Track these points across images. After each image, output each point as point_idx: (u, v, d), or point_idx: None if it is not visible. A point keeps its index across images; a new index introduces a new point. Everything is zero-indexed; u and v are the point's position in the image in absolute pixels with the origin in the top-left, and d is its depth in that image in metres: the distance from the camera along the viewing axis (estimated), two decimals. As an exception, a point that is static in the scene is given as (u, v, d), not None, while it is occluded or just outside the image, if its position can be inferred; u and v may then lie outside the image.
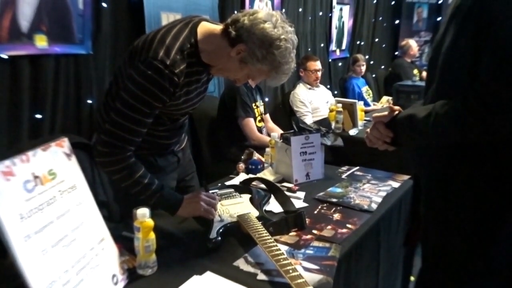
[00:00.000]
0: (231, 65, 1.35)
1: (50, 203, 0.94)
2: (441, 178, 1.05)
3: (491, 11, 0.86)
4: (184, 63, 1.29)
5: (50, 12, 2.16)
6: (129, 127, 1.28)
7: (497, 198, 0.97)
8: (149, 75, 1.24)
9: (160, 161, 1.59)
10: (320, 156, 1.91)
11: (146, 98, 1.26)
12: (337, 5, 5.07)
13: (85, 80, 2.42)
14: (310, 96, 3.69)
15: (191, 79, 1.37)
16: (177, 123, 1.56)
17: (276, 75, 1.35)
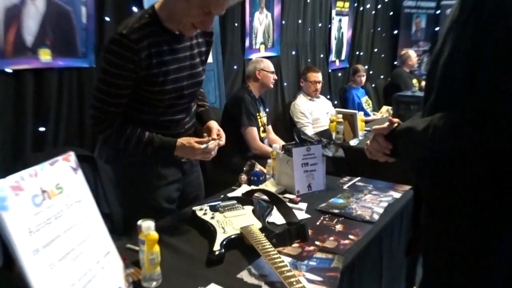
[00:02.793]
0: (183, 9, 1.39)
1: (57, 217, 0.96)
2: (442, 188, 1.06)
3: (486, 26, 0.88)
4: (143, 30, 1.39)
5: (54, 27, 2.20)
6: (105, 98, 1.44)
7: (498, 208, 0.98)
8: (110, 48, 1.40)
9: (164, 170, 1.62)
10: (321, 167, 1.93)
11: (112, 69, 1.40)
12: (336, 16, 5.12)
13: (88, 93, 2.45)
14: (310, 107, 3.72)
15: (161, 49, 1.44)
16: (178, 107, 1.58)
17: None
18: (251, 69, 3.10)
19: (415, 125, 1.04)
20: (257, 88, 3.08)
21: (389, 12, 6.42)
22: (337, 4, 5.09)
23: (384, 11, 6.24)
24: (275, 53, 4.08)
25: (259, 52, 3.88)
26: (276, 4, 4.04)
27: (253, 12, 3.78)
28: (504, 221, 0.97)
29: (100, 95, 1.45)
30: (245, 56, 3.75)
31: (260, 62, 3.13)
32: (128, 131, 1.48)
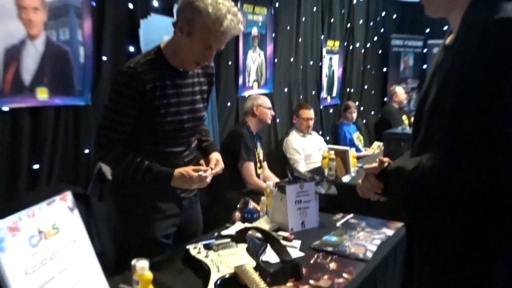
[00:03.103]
0: (186, 46, 1.51)
1: (53, 258, 0.96)
2: (432, 225, 1.08)
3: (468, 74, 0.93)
4: (149, 64, 1.51)
5: (52, 66, 2.25)
6: (110, 126, 1.53)
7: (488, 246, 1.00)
8: (118, 79, 1.53)
9: (162, 204, 1.65)
10: (314, 204, 1.94)
11: (119, 98, 1.50)
12: (327, 55, 5.27)
13: (83, 130, 2.48)
14: (303, 143, 3.77)
15: (165, 83, 1.54)
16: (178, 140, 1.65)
17: (222, 24, 1.44)
18: (248, 106, 3.18)
19: (405, 165, 1.08)
20: (255, 124, 3.14)
21: (378, 50, 6.62)
22: (328, 43, 5.25)
23: (373, 49, 6.43)
24: (268, 90, 4.16)
25: (252, 89, 3.96)
26: (269, 43, 4.17)
27: (247, 51, 3.88)
28: (493, 259, 0.99)
29: (105, 122, 1.55)
30: (239, 93, 3.82)
31: (258, 98, 3.21)
32: (128, 158, 1.54)
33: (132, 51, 2.72)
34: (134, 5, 2.72)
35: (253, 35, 3.93)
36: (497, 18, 0.89)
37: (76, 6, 2.32)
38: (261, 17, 3.99)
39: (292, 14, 4.48)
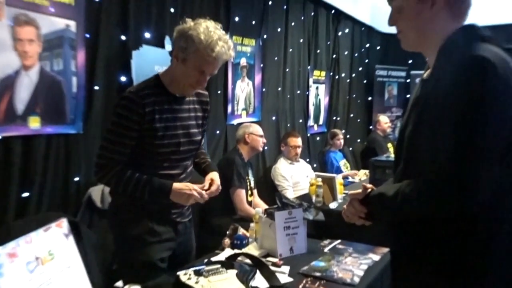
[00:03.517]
0: (181, 71, 1.63)
1: (49, 283, 0.99)
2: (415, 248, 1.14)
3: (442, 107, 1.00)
4: (148, 90, 1.62)
5: (45, 96, 2.30)
6: (111, 147, 1.61)
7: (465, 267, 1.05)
8: (120, 103, 1.62)
9: (158, 227, 1.69)
10: (303, 230, 1.99)
11: (120, 121, 1.59)
12: (313, 84, 5.41)
13: (74, 158, 2.50)
14: (291, 170, 3.83)
15: (163, 107, 1.64)
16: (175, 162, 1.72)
17: (214, 50, 1.56)
18: (240, 133, 3.24)
19: (386, 191, 1.14)
20: (246, 151, 3.20)
21: (363, 80, 6.81)
22: (314, 73, 5.40)
23: (358, 79, 6.62)
24: (256, 119, 4.25)
25: (240, 118, 4.04)
26: (257, 73, 4.28)
27: (236, 81, 3.99)
28: (471, 278, 1.04)
29: (107, 144, 1.63)
30: (228, 122, 3.90)
31: (249, 126, 3.28)
32: (127, 173, 1.61)
33: (124, 81, 2.79)
34: (126, 37, 2.80)
35: (241, 65, 4.04)
36: (468, 56, 0.97)
37: (71, 38, 2.39)
38: (249, 48, 4.11)
39: (279, 45, 4.63)
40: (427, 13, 1.08)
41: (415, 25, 1.11)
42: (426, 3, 1.08)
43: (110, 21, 2.70)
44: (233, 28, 3.80)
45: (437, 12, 1.07)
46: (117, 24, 2.75)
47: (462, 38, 1.05)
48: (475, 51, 0.98)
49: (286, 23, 4.68)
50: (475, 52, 0.97)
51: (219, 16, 3.62)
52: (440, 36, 1.08)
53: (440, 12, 1.07)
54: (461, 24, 1.10)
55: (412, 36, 1.14)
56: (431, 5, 1.07)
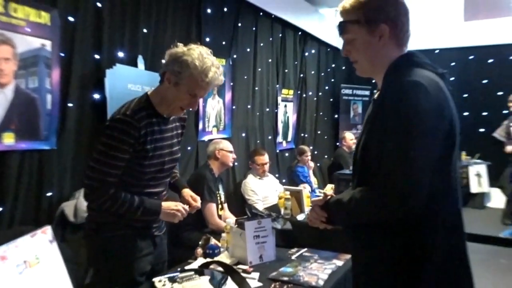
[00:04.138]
0: (173, 94, 1.66)
1: (36, 285, 1.06)
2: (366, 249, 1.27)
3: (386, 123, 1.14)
4: (142, 112, 1.64)
5: (20, 112, 2.35)
6: (103, 169, 1.60)
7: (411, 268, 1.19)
8: (115, 125, 1.62)
9: (141, 242, 1.74)
10: (271, 239, 2.11)
11: (115, 143, 1.60)
12: (282, 102, 5.61)
13: (47, 174, 2.54)
14: (260, 185, 3.95)
15: (153, 129, 1.68)
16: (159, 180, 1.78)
17: (208, 76, 1.62)
18: (211, 149, 3.34)
19: (343, 197, 1.28)
20: (217, 167, 3.30)
21: (330, 98, 7.09)
22: (283, 91, 5.60)
23: (325, 97, 6.88)
24: (226, 135, 4.37)
25: (211, 134, 4.15)
26: (227, 91, 4.42)
27: (206, 99, 4.11)
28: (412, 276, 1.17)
29: (99, 166, 1.60)
30: (199, 138, 4.00)
31: (220, 142, 3.39)
32: (122, 197, 1.63)
33: (98, 99, 2.86)
34: (100, 56, 2.89)
35: (212, 83, 4.16)
36: (406, 81, 1.12)
37: (46, 56, 2.47)
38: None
39: (249, 65, 4.80)
40: (376, 45, 1.22)
41: (367, 55, 1.25)
42: (375, 36, 1.21)
43: (84, 41, 2.78)
44: (204, 48, 3.94)
45: (384, 43, 1.22)
46: (91, 43, 2.84)
47: (401, 64, 1.21)
48: (410, 77, 1.13)
49: (255, 43, 4.88)
50: (410, 77, 1.13)
51: (190, 36, 3.76)
52: (387, 63, 1.23)
53: (387, 42, 1.22)
54: (404, 51, 1.26)
55: (366, 64, 1.27)
56: (379, 37, 1.22)
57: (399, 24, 1.23)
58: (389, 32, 1.21)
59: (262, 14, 4.96)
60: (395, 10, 1.22)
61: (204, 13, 3.96)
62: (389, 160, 1.11)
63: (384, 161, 1.12)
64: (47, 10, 2.47)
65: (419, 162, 1.09)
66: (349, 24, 1.24)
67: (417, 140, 1.09)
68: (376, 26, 1.20)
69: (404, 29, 1.24)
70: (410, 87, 1.11)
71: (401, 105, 1.11)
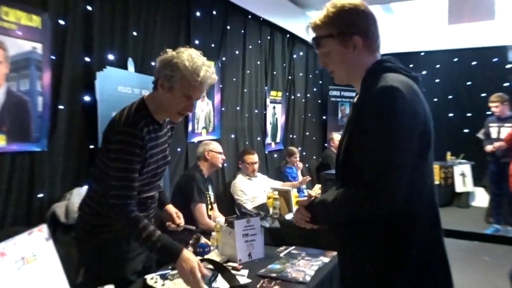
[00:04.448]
0: (168, 99, 1.67)
1: (33, 280, 1.11)
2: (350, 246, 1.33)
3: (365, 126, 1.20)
4: (143, 121, 1.65)
5: (12, 114, 2.38)
6: (127, 184, 1.60)
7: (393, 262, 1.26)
8: (124, 139, 1.61)
9: (134, 243, 1.75)
10: (260, 237, 2.16)
11: (129, 157, 1.61)
12: (270, 104, 5.68)
13: (38, 175, 2.57)
14: (249, 185, 4.01)
15: (151, 136, 1.70)
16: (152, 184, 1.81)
17: (199, 75, 1.62)
18: (201, 151, 3.39)
19: (327, 197, 1.34)
20: (206, 168, 3.35)
21: (318, 100, 7.18)
22: (271, 93, 5.68)
23: (313, 99, 6.98)
24: (216, 136, 4.42)
25: (201, 136, 4.21)
26: (216, 93, 4.48)
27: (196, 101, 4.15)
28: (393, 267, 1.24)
29: (121, 183, 1.59)
30: (188, 140, 4.05)
31: (209, 144, 3.44)
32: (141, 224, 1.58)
33: (88, 101, 2.90)
34: (90, 59, 2.93)
35: (201, 85, 4.22)
36: (382, 86, 1.18)
37: (37, 59, 2.50)
38: (209, 70, 4.31)
39: (237, 67, 4.87)
40: (351, 55, 1.28)
41: (343, 66, 1.31)
42: (349, 47, 1.27)
43: (75, 44, 2.82)
44: (193, 51, 3.99)
45: (358, 52, 1.28)
46: (81, 46, 2.88)
47: (377, 70, 1.27)
48: (387, 82, 1.19)
49: (244, 46, 4.95)
50: (387, 83, 1.19)
51: (180, 39, 3.81)
52: (363, 69, 1.30)
53: (360, 51, 1.29)
54: (377, 56, 1.33)
55: (343, 73, 1.34)
56: (353, 48, 1.28)
57: (370, 33, 1.29)
58: (362, 42, 1.27)
59: (251, 17, 5.03)
60: (365, 21, 1.28)
61: (193, 16, 4.01)
62: (370, 162, 1.18)
63: (365, 163, 1.18)
64: (38, 13, 2.51)
65: (398, 162, 1.15)
66: (323, 39, 1.30)
67: (395, 141, 1.15)
68: (349, 38, 1.26)
69: (375, 36, 1.30)
70: (387, 92, 1.17)
71: (379, 109, 1.17)
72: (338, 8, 1.27)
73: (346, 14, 1.26)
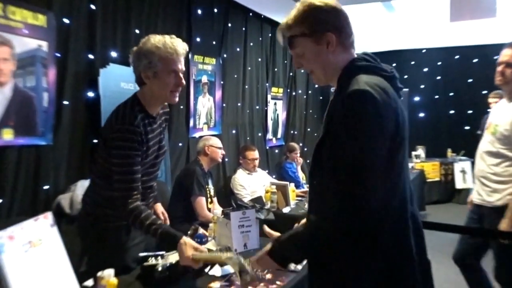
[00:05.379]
0: (158, 85, 1.75)
1: (39, 263, 1.21)
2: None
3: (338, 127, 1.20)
4: (139, 116, 1.74)
5: (18, 110, 2.48)
6: (129, 178, 1.70)
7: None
8: (122, 137, 1.69)
9: (134, 231, 1.86)
10: (255, 228, 2.25)
11: (130, 152, 1.70)
12: (271, 100, 5.76)
13: (43, 168, 2.67)
14: (248, 180, 4.10)
15: (147, 129, 1.78)
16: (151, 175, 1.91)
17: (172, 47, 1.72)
18: (201, 146, 3.49)
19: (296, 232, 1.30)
20: (206, 162, 3.45)
21: (319, 96, 7.25)
22: (272, 89, 5.75)
23: (315, 96, 7.05)
24: (217, 132, 4.51)
25: (202, 131, 4.30)
26: (218, 89, 4.57)
27: (197, 97, 4.25)
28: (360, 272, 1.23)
29: (125, 176, 1.70)
30: (190, 135, 4.14)
31: (209, 139, 3.54)
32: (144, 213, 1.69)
33: (91, 96, 2.99)
34: (94, 56, 3.02)
35: (203, 82, 4.32)
36: (353, 90, 1.17)
37: (42, 57, 2.59)
38: (210, 66, 4.40)
39: (238, 63, 4.95)
40: (326, 52, 1.26)
41: (319, 64, 1.29)
42: (323, 45, 1.25)
43: (79, 41, 2.91)
44: (194, 48, 4.08)
45: (333, 49, 1.25)
46: (85, 44, 2.97)
47: (351, 71, 1.26)
48: (359, 85, 1.18)
49: (245, 43, 5.02)
50: (358, 86, 1.18)
51: (181, 36, 3.86)
52: (339, 68, 1.29)
53: (335, 49, 1.26)
54: (352, 53, 1.32)
55: (320, 73, 1.31)
56: (327, 45, 1.25)
57: (343, 30, 1.27)
58: (335, 39, 1.25)
59: (252, 15, 5.10)
60: (337, 18, 1.26)
61: (194, 13, 4.10)
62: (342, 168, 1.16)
63: (337, 170, 1.17)
64: (43, 12, 2.60)
65: (370, 167, 1.14)
66: (296, 38, 1.28)
67: (365, 147, 1.14)
68: (322, 35, 1.25)
69: (348, 33, 1.29)
70: (357, 96, 1.16)
71: (348, 114, 1.16)
72: (309, 6, 1.26)
73: (317, 11, 1.25)
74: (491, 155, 2.53)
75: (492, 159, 2.52)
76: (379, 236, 1.20)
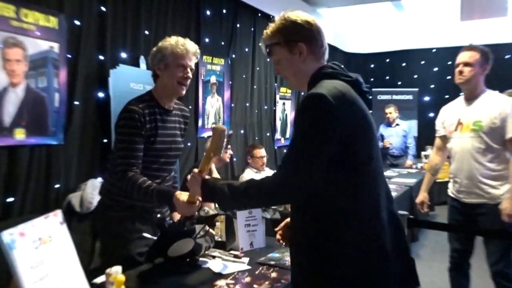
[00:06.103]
0: (167, 76, 1.91)
1: (49, 259, 1.25)
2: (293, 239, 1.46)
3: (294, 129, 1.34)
4: (143, 103, 1.88)
5: (30, 110, 2.54)
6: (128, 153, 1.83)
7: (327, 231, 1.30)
8: (124, 116, 1.87)
9: (139, 225, 1.94)
10: (261, 227, 2.28)
11: (130, 130, 1.84)
12: (280, 100, 5.78)
13: (55, 167, 2.73)
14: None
15: (156, 117, 1.92)
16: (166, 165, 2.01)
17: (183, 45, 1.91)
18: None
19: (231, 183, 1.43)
20: (214, 162, 3.48)
21: (328, 96, 7.23)
22: (281, 89, 5.77)
23: (323, 95, 7.03)
24: (225, 132, 4.53)
25: (210, 131, 4.32)
26: (226, 89, 4.60)
27: (206, 97, 4.29)
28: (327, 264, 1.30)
29: (123, 152, 1.84)
30: (198, 135, 4.18)
31: None
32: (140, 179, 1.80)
33: (102, 97, 3.05)
34: (104, 57, 3.08)
35: (211, 82, 4.35)
36: (311, 93, 1.28)
37: (54, 58, 2.65)
38: (219, 67, 4.44)
39: (247, 64, 4.98)
40: (298, 61, 1.39)
41: (292, 71, 1.42)
42: (296, 54, 1.38)
43: (89, 43, 2.97)
44: (203, 49, 4.08)
45: (304, 58, 1.39)
46: (95, 45, 3.02)
47: (317, 76, 1.38)
48: (317, 89, 1.28)
49: (254, 43, 5.04)
50: (316, 90, 1.28)
51: (190, 37, 3.89)
52: (308, 75, 1.41)
53: (306, 58, 1.39)
54: (322, 63, 1.43)
55: (293, 79, 1.44)
56: (299, 54, 1.38)
57: (314, 40, 1.40)
58: (306, 49, 1.38)
59: (260, 15, 5.12)
60: (309, 31, 1.40)
61: (203, 14, 4.14)
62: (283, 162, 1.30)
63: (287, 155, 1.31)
64: (55, 15, 2.66)
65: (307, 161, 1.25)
66: (273, 47, 1.42)
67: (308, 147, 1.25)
68: (295, 45, 1.38)
69: (319, 44, 1.42)
70: (313, 99, 1.26)
71: (303, 115, 1.28)
72: (285, 19, 1.41)
73: (292, 24, 1.40)
74: (481, 151, 2.54)
75: (483, 156, 2.53)
76: (350, 230, 1.29)
